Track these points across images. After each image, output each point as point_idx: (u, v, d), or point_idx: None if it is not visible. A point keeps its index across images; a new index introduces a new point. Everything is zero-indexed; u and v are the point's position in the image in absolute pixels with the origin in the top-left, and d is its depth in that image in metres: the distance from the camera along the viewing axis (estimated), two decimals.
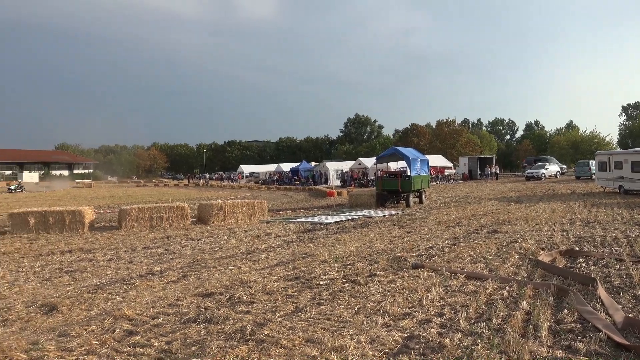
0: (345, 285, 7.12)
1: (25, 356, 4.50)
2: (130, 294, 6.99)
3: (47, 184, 77.49)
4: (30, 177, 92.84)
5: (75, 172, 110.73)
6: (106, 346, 4.77)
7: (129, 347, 4.74)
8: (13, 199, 33.77)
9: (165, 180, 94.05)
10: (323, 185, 44.35)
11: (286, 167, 64.01)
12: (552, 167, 45.29)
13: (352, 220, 16.45)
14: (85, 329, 5.26)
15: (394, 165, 26.14)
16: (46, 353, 4.56)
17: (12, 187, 42.55)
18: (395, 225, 14.65)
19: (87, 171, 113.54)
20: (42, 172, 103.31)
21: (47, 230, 14.37)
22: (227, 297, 6.54)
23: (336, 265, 8.60)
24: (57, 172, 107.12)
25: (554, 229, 12.31)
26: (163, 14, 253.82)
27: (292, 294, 6.69)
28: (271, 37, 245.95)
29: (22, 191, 43.00)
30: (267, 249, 10.81)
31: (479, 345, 4.51)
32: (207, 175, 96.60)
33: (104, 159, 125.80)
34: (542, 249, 9.62)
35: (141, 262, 9.61)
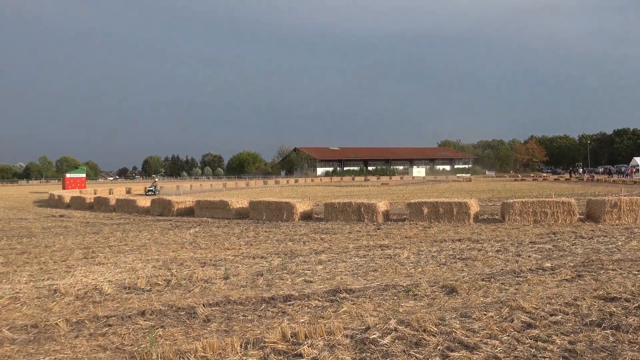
0: None
1: (435, 329, 5.06)
2: (522, 286, 7.00)
3: (432, 177, 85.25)
4: (418, 171, 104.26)
5: (455, 166, 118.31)
6: (506, 334, 4.90)
7: (530, 339, 4.74)
8: (407, 191, 38.43)
9: (544, 174, 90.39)
10: None
11: None
12: None
13: None
14: (484, 314, 5.54)
15: None
16: (453, 330, 5.01)
17: (151, 188, 37.96)
18: None
19: (466, 166, 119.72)
20: (428, 167, 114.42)
21: (438, 220, 15.78)
22: (636, 304, 5.78)
23: None
24: (441, 167, 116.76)
25: None
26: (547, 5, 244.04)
27: None
28: None
29: (156, 193, 36.74)
30: None
31: None
32: (591, 169, 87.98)
33: (482, 153, 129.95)
34: None
35: (529, 256, 9.48)
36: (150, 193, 31.46)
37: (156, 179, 40.16)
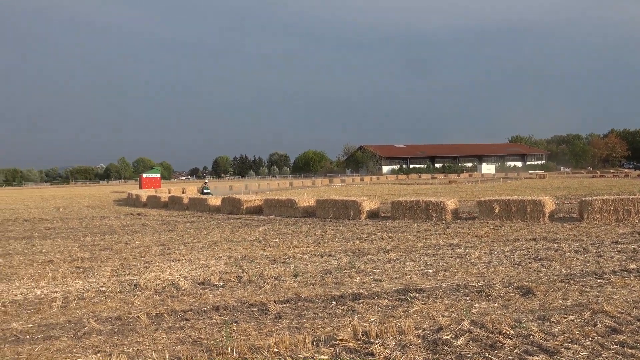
0: None
1: (511, 331, 4.88)
2: (605, 289, 6.61)
3: (503, 175, 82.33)
4: (487, 168, 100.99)
5: (527, 163, 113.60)
6: (589, 339, 4.65)
7: (615, 345, 4.48)
8: (476, 189, 37.33)
9: (626, 170, 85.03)
10: None
11: None
12: None
13: None
14: (564, 317, 5.28)
15: None
16: (531, 332, 4.81)
17: (207, 190, 36.02)
18: None
19: (539, 162, 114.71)
20: (497, 164, 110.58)
21: (510, 218, 15.22)
22: None
23: None
24: (511, 164, 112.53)
25: None
26: None
27: None
28: None
29: (212, 193, 34.69)
30: None
31: None
32: None
33: (556, 149, 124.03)
34: None
35: (612, 257, 8.94)
36: (207, 194, 32.17)
37: (206, 180, 41.45)
